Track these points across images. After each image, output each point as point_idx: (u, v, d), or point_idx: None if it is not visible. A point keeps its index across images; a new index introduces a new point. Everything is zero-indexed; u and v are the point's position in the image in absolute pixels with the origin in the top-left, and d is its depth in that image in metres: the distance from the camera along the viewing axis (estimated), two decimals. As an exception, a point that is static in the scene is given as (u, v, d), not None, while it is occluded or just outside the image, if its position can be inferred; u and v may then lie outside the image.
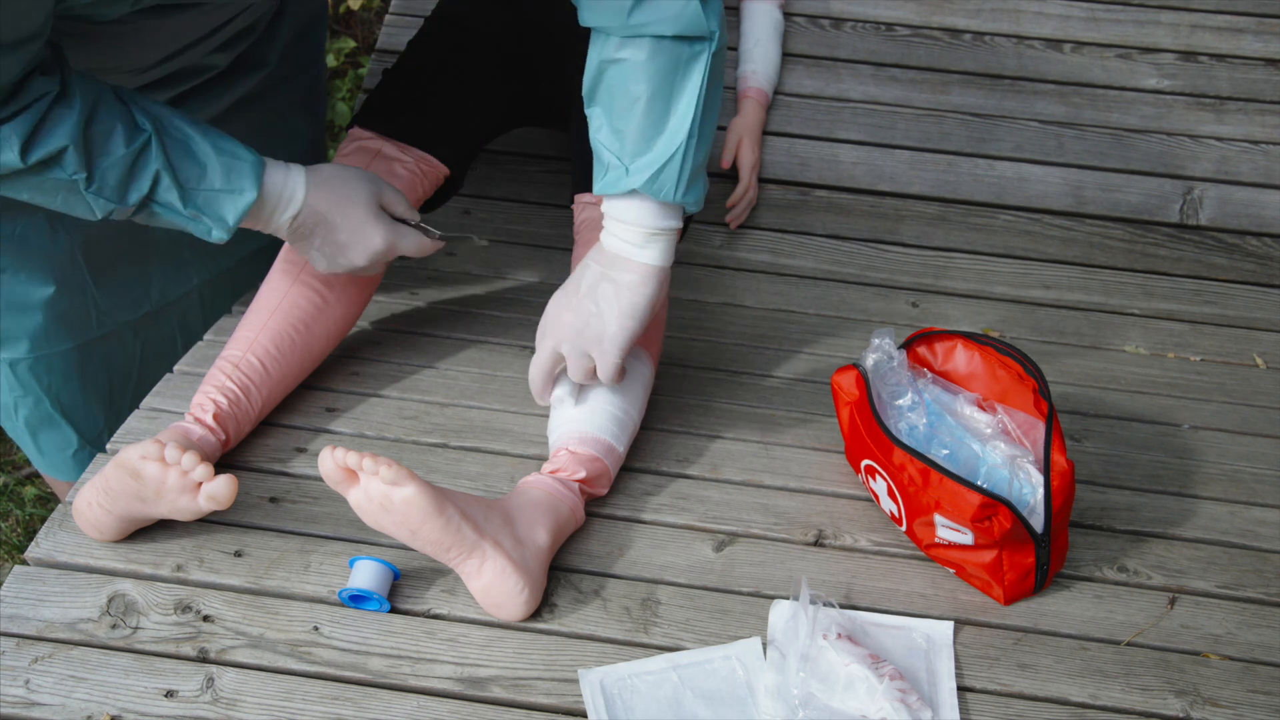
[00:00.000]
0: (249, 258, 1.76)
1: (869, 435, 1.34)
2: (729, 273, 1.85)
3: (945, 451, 1.32)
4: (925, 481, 1.27)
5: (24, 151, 1.19)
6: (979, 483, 1.28)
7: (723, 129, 1.98)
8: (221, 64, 1.54)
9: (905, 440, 1.33)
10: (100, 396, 1.67)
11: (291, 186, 1.34)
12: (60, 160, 1.21)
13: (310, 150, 1.82)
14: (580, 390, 1.39)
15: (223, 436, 1.38)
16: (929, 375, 1.39)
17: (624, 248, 1.29)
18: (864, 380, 1.35)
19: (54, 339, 1.58)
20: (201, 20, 1.40)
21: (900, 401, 1.37)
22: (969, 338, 1.40)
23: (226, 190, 1.29)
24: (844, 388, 1.37)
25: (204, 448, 1.35)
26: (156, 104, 1.29)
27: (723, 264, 1.87)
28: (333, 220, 1.37)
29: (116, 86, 1.28)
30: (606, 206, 1.30)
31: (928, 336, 1.41)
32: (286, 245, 1.50)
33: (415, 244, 1.43)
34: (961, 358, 1.40)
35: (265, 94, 1.65)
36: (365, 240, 1.38)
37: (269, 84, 1.64)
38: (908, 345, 1.41)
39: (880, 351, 1.38)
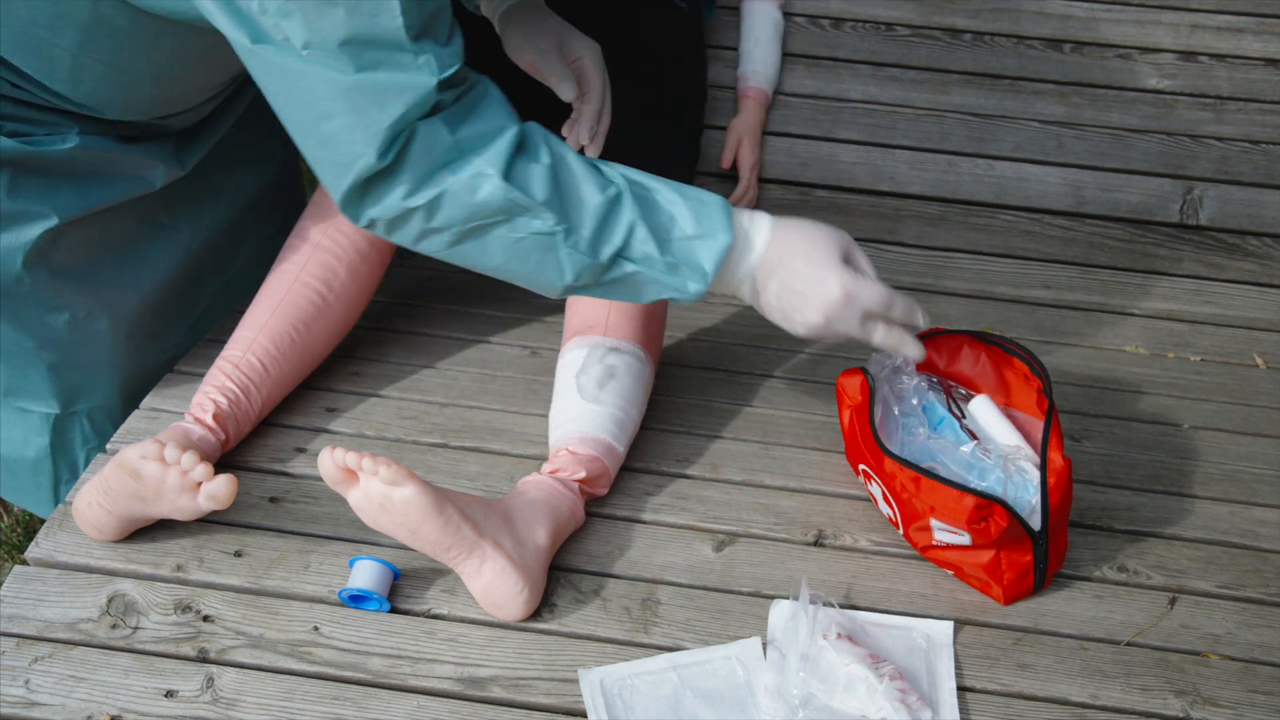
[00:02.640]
0: (252, 259, 1.75)
1: (864, 442, 1.34)
2: (729, 273, 1.85)
3: (943, 442, 1.32)
4: (918, 488, 1.27)
5: (505, 177, 1.12)
6: (973, 482, 1.28)
7: (723, 129, 1.98)
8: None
9: (903, 448, 1.33)
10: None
11: (757, 226, 1.23)
12: (537, 209, 1.14)
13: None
14: (585, 386, 1.40)
15: (223, 436, 1.38)
16: (938, 380, 1.40)
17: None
18: (869, 386, 1.35)
19: (118, 381, 1.56)
20: None
21: (905, 406, 1.37)
22: (975, 337, 1.40)
23: (699, 236, 1.19)
24: (848, 391, 1.37)
25: (204, 448, 1.35)
26: (606, 163, 1.22)
27: (723, 264, 1.87)
28: (792, 264, 1.21)
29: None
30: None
31: (933, 337, 1.41)
32: (287, 244, 1.50)
33: (903, 307, 1.24)
34: (968, 358, 1.40)
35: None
36: (822, 290, 1.21)
37: None
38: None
39: (892, 358, 1.38)
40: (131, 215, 1.48)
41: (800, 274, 1.22)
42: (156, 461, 1.21)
